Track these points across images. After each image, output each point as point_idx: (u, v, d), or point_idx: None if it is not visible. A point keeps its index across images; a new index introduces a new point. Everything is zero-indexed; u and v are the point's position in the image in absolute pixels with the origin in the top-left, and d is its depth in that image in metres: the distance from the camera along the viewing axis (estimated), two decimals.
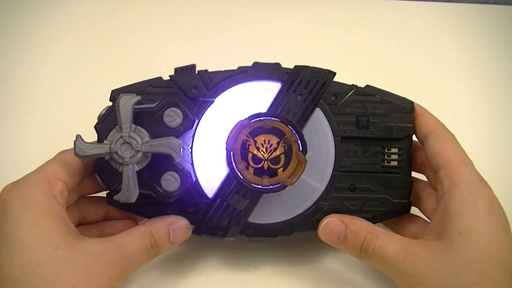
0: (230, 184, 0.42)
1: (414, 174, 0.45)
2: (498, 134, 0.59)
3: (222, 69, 0.44)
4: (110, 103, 0.43)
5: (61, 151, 0.42)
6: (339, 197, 0.44)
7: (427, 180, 0.46)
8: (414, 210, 0.46)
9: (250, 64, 0.44)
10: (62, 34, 0.64)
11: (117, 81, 0.45)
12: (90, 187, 0.45)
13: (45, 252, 0.36)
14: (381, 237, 0.40)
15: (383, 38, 0.65)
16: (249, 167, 0.42)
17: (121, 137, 0.39)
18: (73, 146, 0.39)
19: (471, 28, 0.66)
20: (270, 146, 0.42)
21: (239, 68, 0.44)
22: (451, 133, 0.43)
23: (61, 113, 0.58)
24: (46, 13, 0.66)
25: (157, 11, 0.66)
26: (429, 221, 0.44)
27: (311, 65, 0.44)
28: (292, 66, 0.44)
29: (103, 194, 0.44)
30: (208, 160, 0.43)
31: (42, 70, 0.61)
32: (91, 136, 0.41)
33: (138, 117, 0.41)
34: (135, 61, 0.62)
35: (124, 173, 0.39)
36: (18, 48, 0.63)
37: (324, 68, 0.44)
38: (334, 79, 0.44)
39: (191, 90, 0.43)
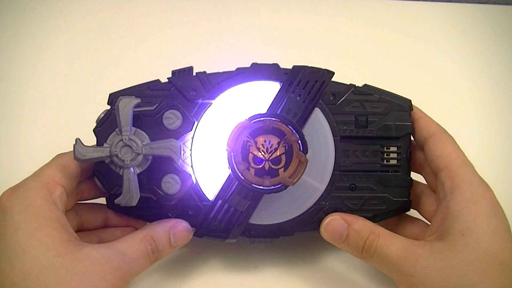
0: (231, 185, 0.42)
1: (412, 175, 0.45)
2: (497, 135, 0.58)
3: (220, 71, 0.44)
4: (108, 107, 0.43)
5: (58, 155, 0.42)
6: (340, 196, 0.44)
7: (425, 182, 0.46)
8: (415, 213, 0.46)
9: (248, 65, 0.44)
10: (62, 34, 0.64)
11: (115, 83, 0.45)
12: (88, 191, 0.44)
13: (45, 259, 0.36)
14: (383, 237, 0.40)
15: (382, 38, 0.65)
16: (250, 167, 0.41)
17: (121, 140, 0.39)
18: (71, 150, 0.39)
19: (471, 28, 0.66)
20: (271, 147, 0.41)
21: (238, 69, 0.44)
22: (451, 136, 0.43)
23: (59, 115, 0.58)
24: (46, 13, 0.66)
25: (155, 12, 0.66)
26: (429, 223, 0.44)
27: (309, 65, 0.44)
28: (290, 66, 0.44)
29: (101, 201, 0.44)
30: (208, 162, 0.43)
31: (41, 71, 0.61)
32: (88, 139, 0.41)
33: (137, 120, 0.41)
34: (133, 62, 0.62)
35: (125, 176, 0.39)
36: (17, 48, 0.63)
37: (323, 68, 0.44)
38: (332, 79, 0.44)
39: (189, 92, 0.43)
